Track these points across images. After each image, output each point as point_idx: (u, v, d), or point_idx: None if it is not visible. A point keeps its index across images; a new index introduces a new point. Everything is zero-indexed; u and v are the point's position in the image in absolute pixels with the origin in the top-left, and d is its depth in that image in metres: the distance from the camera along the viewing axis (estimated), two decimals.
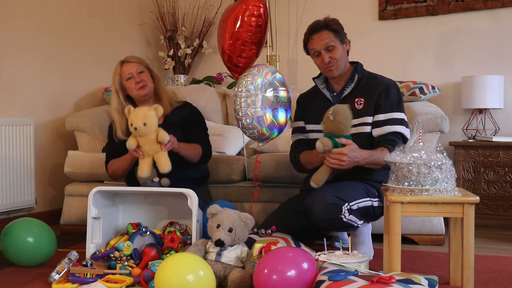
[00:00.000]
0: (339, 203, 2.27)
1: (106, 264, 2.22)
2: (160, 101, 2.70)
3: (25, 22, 3.36)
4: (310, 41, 2.49)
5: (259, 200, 2.96)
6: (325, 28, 2.46)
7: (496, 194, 3.33)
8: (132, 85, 2.63)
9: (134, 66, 2.65)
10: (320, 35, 2.46)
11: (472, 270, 1.91)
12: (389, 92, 2.45)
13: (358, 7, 4.01)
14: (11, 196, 3.17)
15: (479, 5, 3.66)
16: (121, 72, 2.66)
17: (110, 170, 2.70)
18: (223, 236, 2.06)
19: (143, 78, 2.65)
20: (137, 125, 2.38)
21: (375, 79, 2.51)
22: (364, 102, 2.47)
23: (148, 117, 2.40)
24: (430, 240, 2.88)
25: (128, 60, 2.68)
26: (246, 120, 2.59)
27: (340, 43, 2.47)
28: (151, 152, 2.44)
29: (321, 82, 2.62)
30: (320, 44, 2.45)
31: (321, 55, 2.46)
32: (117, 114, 2.66)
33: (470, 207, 1.89)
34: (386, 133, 2.40)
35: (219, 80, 4.21)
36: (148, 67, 2.72)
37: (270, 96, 2.64)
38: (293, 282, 1.78)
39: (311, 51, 2.51)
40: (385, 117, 2.42)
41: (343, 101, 2.49)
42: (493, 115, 3.57)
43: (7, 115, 3.23)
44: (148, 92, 2.67)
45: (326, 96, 2.57)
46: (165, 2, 4.34)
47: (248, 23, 2.63)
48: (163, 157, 2.43)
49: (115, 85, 2.67)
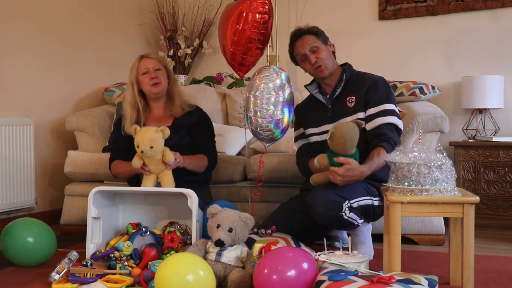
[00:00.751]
0: (339, 200, 2.29)
1: (106, 264, 2.22)
2: (172, 102, 2.71)
3: (25, 22, 3.36)
4: (295, 48, 2.57)
5: (260, 200, 2.96)
6: (306, 33, 2.54)
7: (496, 194, 3.33)
8: (147, 80, 2.65)
9: (152, 62, 2.67)
10: (303, 39, 2.53)
11: (472, 270, 1.91)
12: (377, 85, 2.48)
13: (358, 7, 4.01)
14: (11, 196, 3.17)
15: (479, 5, 3.66)
16: (139, 66, 2.68)
17: (113, 171, 2.72)
18: (223, 236, 2.06)
19: (159, 75, 2.66)
20: (143, 149, 2.39)
21: (363, 76, 2.56)
22: (355, 100, 2.50)
23: (154, 141, 2.40)
24: (430, 240, 2.88)
25: (148, 55, 2.71)
26: (264, 122, 2.56)
27: (323, 44, 2.53)
28: (156, 171, 2.47)
29: (314, 87, 2.66)
30: (304, 47, 2.52)
31: (307, 58, 2.51)
32: (130, 107, 2.67)
33: (470, 207, 1.89)
34: (379, 125, 2.41)
35: (219, 80, 4.21)
36: (166, 66, 2.74)
37: (287, 95, 2.62)
38: (293, 282, 1.78)
39: (297, 57, 2.57)
40: (376, 110, 2.45)
41: (336, 102, 2.55)
42: (493, 115, 3.57)
43: (7, 115, 3.23)
44: (161, 90, 2.67)
45: (320, 100, 2.61)
46: (165, 2, 4.34)
47: (253, 19, 2.60)
48: (167, 177, 2.46)
49: (131, 78, 2.69)
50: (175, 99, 2.73)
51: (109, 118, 3.56)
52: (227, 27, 2.66)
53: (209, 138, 2.77)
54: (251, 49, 2.65)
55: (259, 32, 2.63)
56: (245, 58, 2.67)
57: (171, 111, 2.72)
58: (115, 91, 3.77)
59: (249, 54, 2.66)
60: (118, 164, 2.68)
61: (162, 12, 4.33)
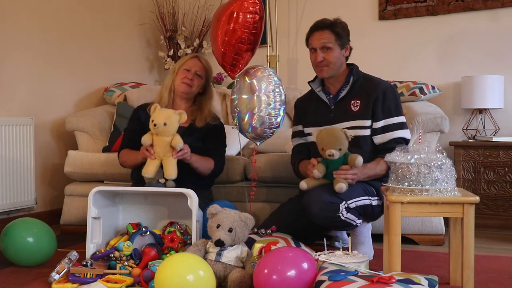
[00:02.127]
0: (336, 201, 2.28)
1: (106, 264, 2.22)
2: (199, 112, 2.72)
3: (25, 22, 3.36)
4: (311, 36, 2.51)
5: (259, 200, 2.96)
6: (329, 28, 2.47)
7: (496, 194, 3.33)
8: (182, 76, 2.67)
9: (198, 66, 2.70)
10: (322, 33, 2.47)
11: (472, 270, 1.91)
12: (386, 96, 2.44)
13: (358, 7, 4.01)
14: (11, 196, 3.17)
15: (479, 5, 3.66)
16: (186, 61, 2.71)
17: (120, 159, 2.74)
18: (223, 236, 2.06)
19: (195, 80, 2.68)
20: (157, 122, 2.40)
21: (370, 81, 2.51)
22: (360, 104, 2.47)
23: (170, 118, 2.42)
24: (430, 240, 2.88)
25: (200, 58, 2.74)
26: (269, 122, 2.57)
27: (339, 47, 2.47)
28: (161, 154, 2.45)
29: (317, 85, 2.62)
30: (318, 42, 2.47)
31: (316, 52, 2.48)
32: (167, 92, 2.71)
33: (470, 207, 1.89)
34: (388, 141, 2.41)
35: (219, 80, 4.21)
36: (208, 77, 2.76)
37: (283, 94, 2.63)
38: (293, 282, 1.78)
39: (309, 46, 2.53)
40: (384, 123, 2.42)
41: (340, 104, 2.52)
42: (493, 115, 3.57)
43: (7, 115, 3.23)
44: (187, 92, 2.69)
45: (323, 99, 2.58)
46: (165, 2, 4.34)
47: (244, 20, 2.56)
48: (171, 164, 2.44)
49: (175, 67, 2.74)
50: (204, 111, 2.73)
51: (109, 118, 3.56)
52: (218, 27, 2.62)
53: (220, 145, 2.77)
54: (242, 50, 2.61)
55: (249, 32, 2.58)
56: (236, 58, 2.64)
57: (194, 117, 2.71)
58: (115, 91, 3.77)
59: (240, 55, 2.63)
60: (126, 152, 2.69)
61: (162, 12, 4.33)
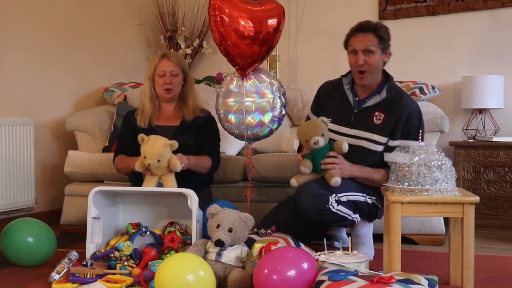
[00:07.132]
0: (325, 193, 2.30)
1: (106, 264, 2.22)
2: (185, 105, 2.72)
3: (25, 22, 3.36)
4: (353, 37, 2.45)
5: (259, 200, 2.96)
6: (373, 31, 2.42)
7: (496, 194, 3.33)
8: (161, 82, 2.66)
9: (171, 66, 2.67)
10: (365, 35, 2.42)
11: (472, 270, 1.91)
12: (410, 119, 2.40)
13: (358, 7, 4.01)
14: (11, 196, 3.17)
15: (479, 5, 3.66)
16: (157, 65, 2.67)
17: (116, 165, 2.73)
18: (223, 236, 2.06)
19: (174, 81, 2.67)
20: (150, 162, 2.37)
21: (400, 100, 2.45)
22: (384, 119, 2.43)
23: (162, 155, 2.38)
24: (430, 240, 2.88)
25: (169, 57, 2.70)
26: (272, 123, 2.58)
27: (381, 51, 2.43)
28: (159, 174, 2.46)
29: (347, 82, 2.56)
30: (361, 44, 2.41)
31: (357, 55, 2.41)
32: (148, 101, 2.69)
33: (470, 207, 1.89)
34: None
35: (219, 80, 4.20)
36: (184, 69, 2.73)
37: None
38: (293, 282, 1.78)
39: (350, 47, 2.46)
40: (400, 143, 2.38)
41: (364, 111, 2.47)
42: (493, 115, 3.57)
43: (7, 115, 3.22)
44: (172, 97, 2.70)
45: (349, 98, 2.52)
46: (165, 2, 4.34)
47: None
48: (169, 179, 2.46)
49: (148, 74, 2.71)
50: (189, 102, 2.73)
51: (109, 118, 3.56)
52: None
53: (214, 140, 2.77)
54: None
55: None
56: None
57: (182, 113, 2.72)
58: (115, 91, 3.76)
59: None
60: (121, 159, 2.68)
61: (162, 12, 4.33)
